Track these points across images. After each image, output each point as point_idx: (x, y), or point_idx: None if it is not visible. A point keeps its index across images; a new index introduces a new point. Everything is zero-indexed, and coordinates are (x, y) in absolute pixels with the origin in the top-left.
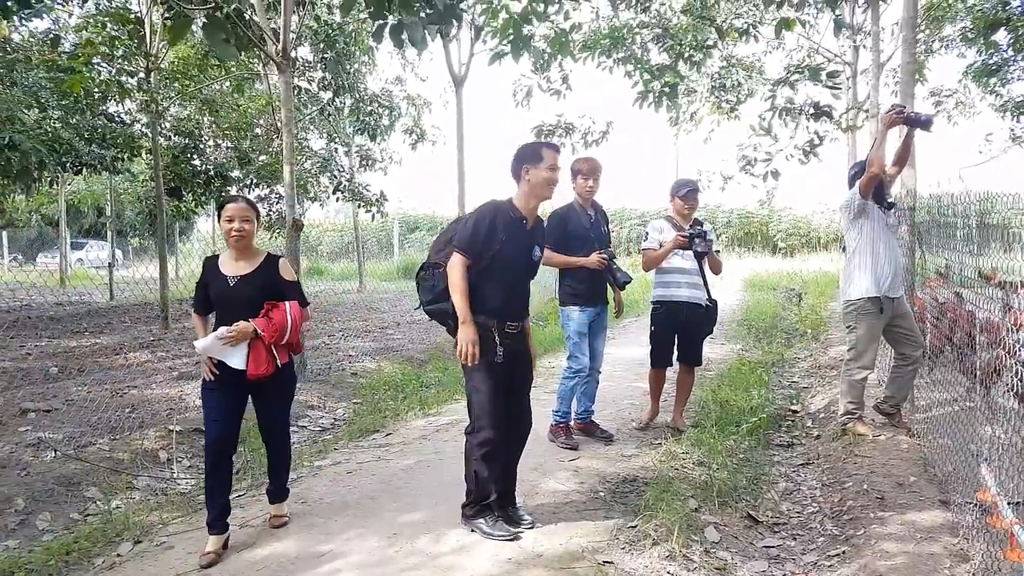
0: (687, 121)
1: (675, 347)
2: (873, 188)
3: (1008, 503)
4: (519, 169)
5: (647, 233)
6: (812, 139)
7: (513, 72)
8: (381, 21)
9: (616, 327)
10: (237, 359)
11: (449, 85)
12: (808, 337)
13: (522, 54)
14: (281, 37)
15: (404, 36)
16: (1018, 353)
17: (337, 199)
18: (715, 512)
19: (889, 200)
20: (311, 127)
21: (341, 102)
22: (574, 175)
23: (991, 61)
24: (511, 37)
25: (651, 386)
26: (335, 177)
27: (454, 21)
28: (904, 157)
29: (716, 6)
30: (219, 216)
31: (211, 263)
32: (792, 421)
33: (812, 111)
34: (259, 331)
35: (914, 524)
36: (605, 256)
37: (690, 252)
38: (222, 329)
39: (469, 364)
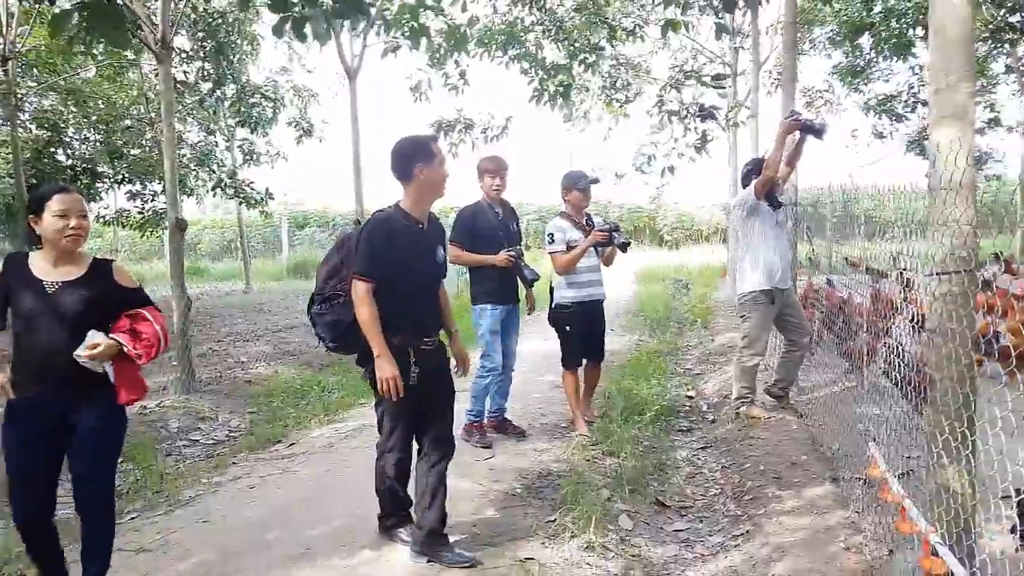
0: (581, 118)
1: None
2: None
3: (896, 475)
4: (410, 169)
5: (551, 235)
6: (701, 137)
7: (409, 65)
8: (283, 14)
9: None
10: (109, 374)
11: (339, 77)
12: (698, 326)
13: (420, 43)
14: (160, 25)
15: (307, 30)
16: (889, 335)
17: (215, 195)
18: (627, 500)
19: (779, 199)
20: (188, 118)
21: (222, 93)
22: (481, 174)
23: (856, 63)
24: (409, 26)
25: (570, 394)
26: (215, 172)
27: (361, 15)
28: (796, 159)
29: (607, 5)
30: (36, 211)
31: (16, 263)
32: (689, 407)
33: (700, 112)
34: (126, 347)
35: (809, 500)
36: (513, 254)
37: (592, 249)
38: (89, 342)
39: (395, 399)
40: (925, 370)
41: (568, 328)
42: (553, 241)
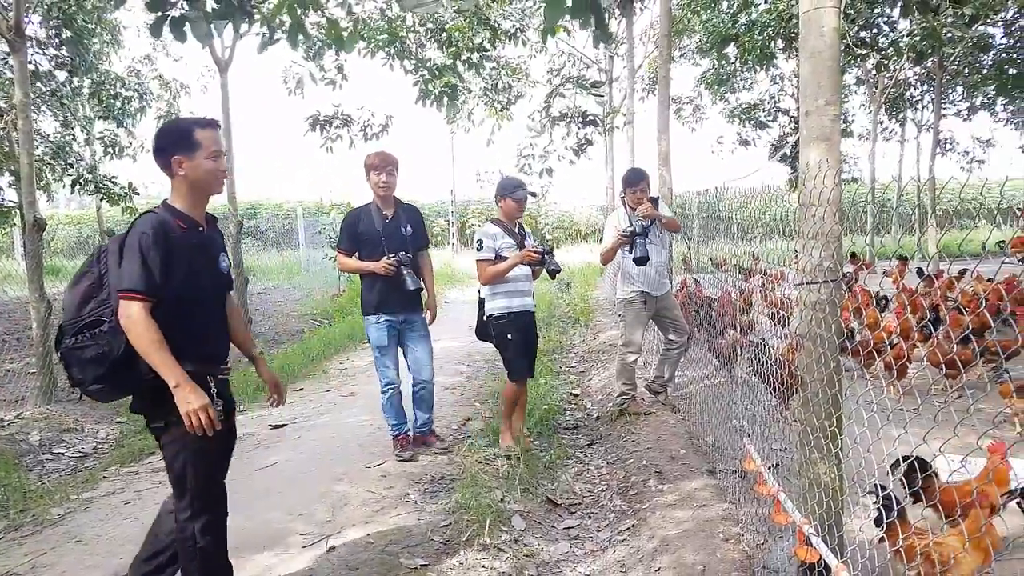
0: (465, 119)
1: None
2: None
3: (767, 467)
4: (167, 162)
5: (480, 242)
6: (581, 141)
7: (284, 58)
8: (161, 13)
9: None
10: None
11: (209, 69)
12: (580, 324)
13: (298, 41)
14: (14, 11)
15: (187, 30)
16: (753, 331)
17: (73, 191)
18: (519, 500)
19: (645, 227)
20: (42, 108)
21: (79, 83)
22: (367, 171)
23: (722, 72)
24: (288, 25)
25: (509, 407)
26: (71, 166)
27: (243, 17)
28: (672, 225)
29: (489, 8)
30: None
31: None
32: (575, 404)
33: (581, 119)
34: None
35: (689, 493)
36: (392, 261)
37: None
38: None
39: (211, 433)
40: (789, 367)
41: (510, 336)
42: (482, 248)
